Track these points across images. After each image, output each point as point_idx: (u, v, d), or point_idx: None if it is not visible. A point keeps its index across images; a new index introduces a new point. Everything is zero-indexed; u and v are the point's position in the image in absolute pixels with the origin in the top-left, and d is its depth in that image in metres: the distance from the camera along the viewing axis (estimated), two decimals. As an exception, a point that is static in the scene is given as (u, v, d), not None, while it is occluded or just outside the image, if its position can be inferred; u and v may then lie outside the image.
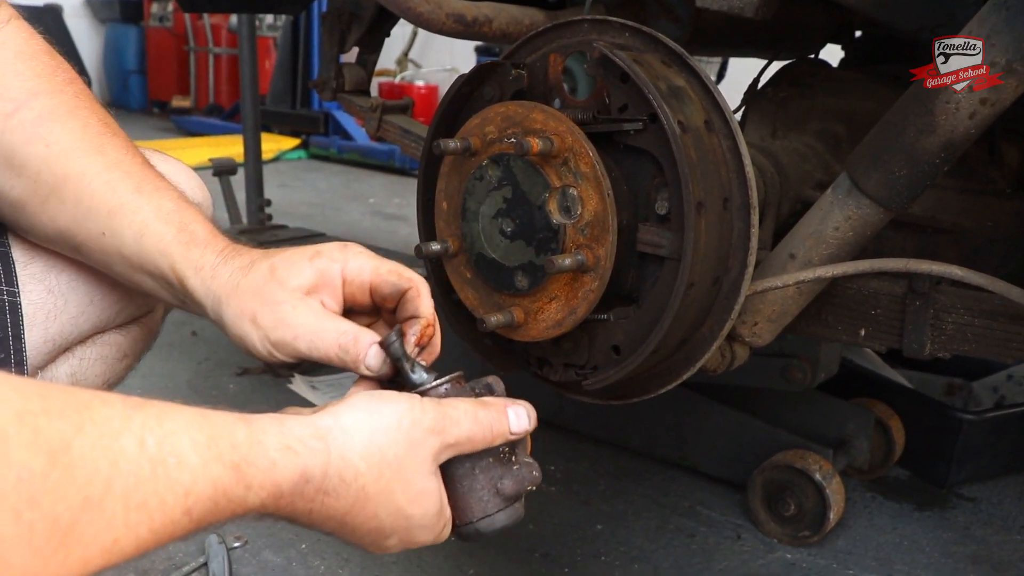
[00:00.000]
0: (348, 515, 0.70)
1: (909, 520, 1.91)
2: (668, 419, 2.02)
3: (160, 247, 0.83)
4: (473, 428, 0.75)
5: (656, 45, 1.01)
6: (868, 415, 1.93)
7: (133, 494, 0.55)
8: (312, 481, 0.66)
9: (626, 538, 1.79)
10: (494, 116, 0.98)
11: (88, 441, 0.53)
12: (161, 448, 0.57)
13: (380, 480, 0.70)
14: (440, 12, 1.46)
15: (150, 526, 0.56)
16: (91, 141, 0.85)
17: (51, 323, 0.91)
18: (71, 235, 0.85)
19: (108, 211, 0.84)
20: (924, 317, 1.20)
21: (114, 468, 0.54)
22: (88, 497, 0.52)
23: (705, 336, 1.03)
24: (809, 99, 1.63)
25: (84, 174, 0.84)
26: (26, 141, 0.83)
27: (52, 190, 0.84)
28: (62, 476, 0.51)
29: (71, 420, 0.53)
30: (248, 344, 0.81)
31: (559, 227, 0.94)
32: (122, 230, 0.83)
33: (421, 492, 0.73)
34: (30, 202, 0.84)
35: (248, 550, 1.69)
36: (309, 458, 0.66)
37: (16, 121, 0.83)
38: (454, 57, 6.72)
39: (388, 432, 0.71)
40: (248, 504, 0.62)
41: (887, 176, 1.09)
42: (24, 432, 0.50)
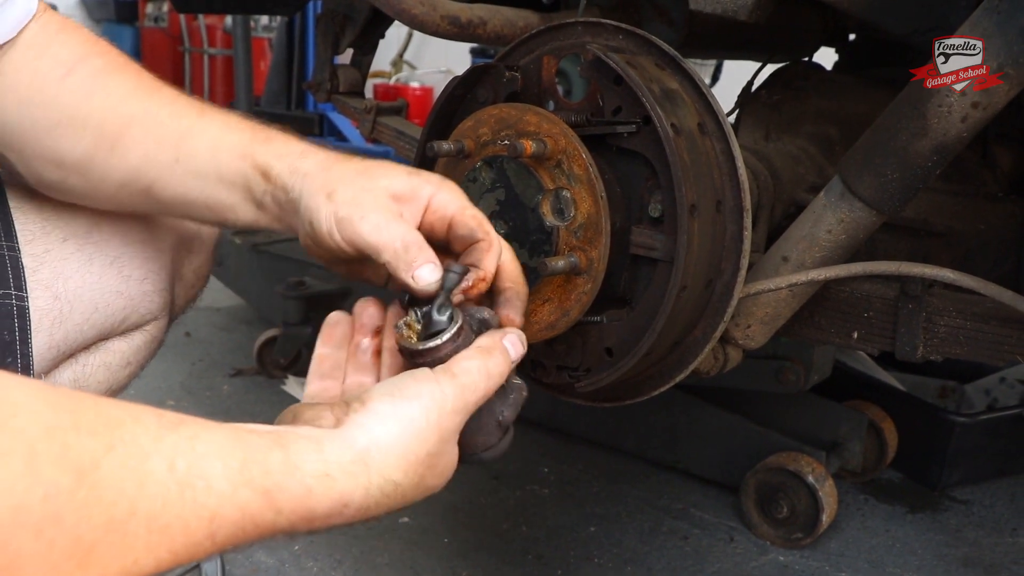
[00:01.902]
0: (380, 512, 0.69)
1: (901, 522, 1.92)
2: (661, 421, 2.03)
3: (238, 151, 0.85)
4: (488, 384, 0.75)
5: (650, 48, 1.01)
6: (861, 417, 1.94)
7: (158, 517, 0.54)
8: (351, 505, 0.65)
9: (619, 540, 1.79)
10: (488, 118, 0.98)
11: (117, 461, 0.53)
12: (191, 472, 0.56)
13: (416, 478, 0.69)
14: (435, 14, 1.46)
15: (171, 548, 0.55)
16: (147, 85, 0.88)
17: (56, 329, 0.91)
18: (142, 174, 0.86)
19: (178, 137, 0.86)
20: (917, 320, 1.20)
21: (141, 490, 0.53)
22: (112, 518, 0.52)
23: (698, 339, 1.03)
24: (802, 102, 1.63)
25: (148, 111, 0.87)
26: (86, 96, 0.86)
27: (119, 135, 0.86)
28: (88, 496, 0.50)
29: (101, 439, 0.53)
30: (315, 222, 0.80)
31: (552, 229, 0.94)
32: (194, 151, 0.85)
33: (447, 466, 0.73)
34: (98, 153, 0.86)
35: (241, 551, 1.68)
36: (347, 483, 0.65)
37: (72, 81, 0.86)
38: (449, 59, 6.71)
39: (420, 434, 0.69)
40: (277, 527, 0.61)
41: (880, 179, 1.09)
42: (53, 448, 0.50)
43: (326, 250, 0.82)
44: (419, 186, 0.82)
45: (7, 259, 0.89)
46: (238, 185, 0.85)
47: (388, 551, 1.71)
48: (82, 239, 0.95)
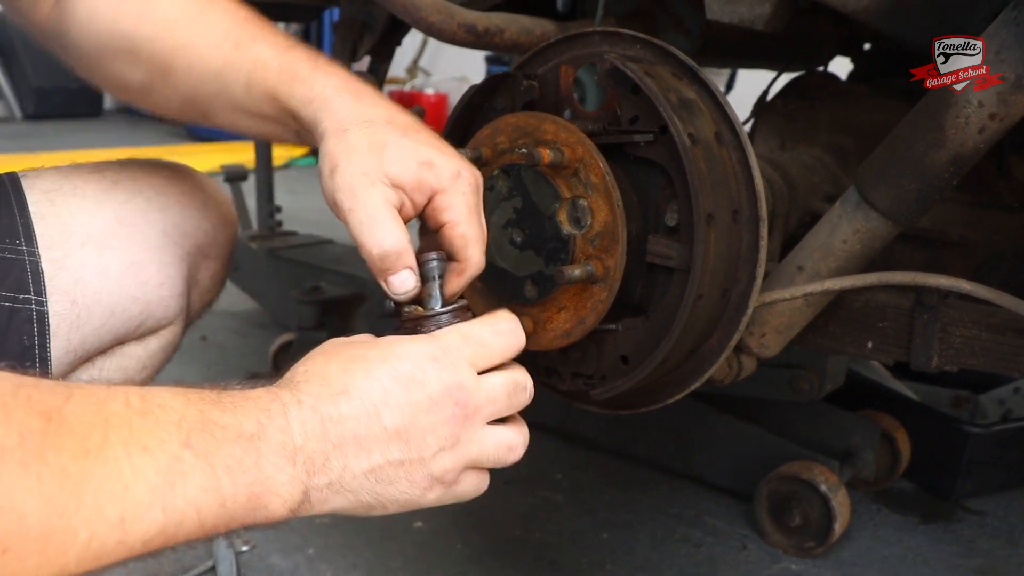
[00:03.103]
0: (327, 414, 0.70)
1: (914, 532, 1.91)
2: (675, 429, 2.02)
3: (268, 94, 0.86)
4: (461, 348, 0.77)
5: (667, 57, 1.01)
6: (874, 427, 1.93)
7: (131, 441, 0.58)
8: (286, 400, 0.68)
9: (632, 547, 1.79)
10: (505, 126, 0.99)
11: (78, 406, 0.57)
12: (144, 402, 0.61)
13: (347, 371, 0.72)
14: (452, 22, 1.47)
15: (155, 467, 0.58)
16: (191, 6, 0.91)
17: (74, 334, 0.91)
18: (195, 101, 0.91)
19: (216, 72, 0.88)
20: (932, 330, 1.19)
21: (107, 424, 0.58)
22: (88, 448, 0.56)
23: (713, 347, 1.03)
24: (818, 112, 1.63)
25: (191, 42, 0.89)
26: (136, 24, 0.90)
27: (168, 65, 0.90)
28: (59, 430, 0.55)
29: (59, 392, 0.58)
30: (321, 188, 0.82)
31: (569, 237, 0.94)
32: (231, 89, 0.88)
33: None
34: (154, 81, 0.91)
35: (256, 554, 1.69)
36: (279, 387, 0.70)
37: (124, 9, 0.90)
38: (464, 66, 6.72)
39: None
40: (244, 428, 0.64)
41: (896, 190, 1.09)
42: (19, 400, 0.55)
43: None
44: (427, 179, 0.81)
45: (27, 264, 0.90)
46: (277, 121, 0.89)
47: (402, 555, 1.71)
48: (101, 244, 0.95)
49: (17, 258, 0.90)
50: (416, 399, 0.70)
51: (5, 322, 0.87)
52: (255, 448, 0.63)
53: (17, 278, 0.89)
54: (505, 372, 0.76)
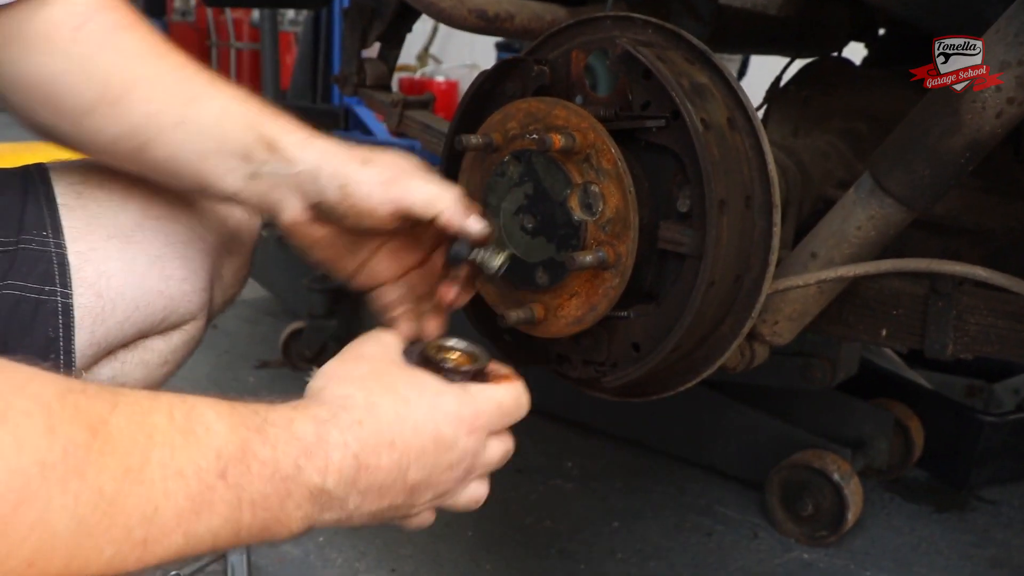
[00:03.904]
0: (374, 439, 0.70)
1: (928, 522, 1.90)
2: (686, 417, 2.02)
3: (245, 121, 0.88)
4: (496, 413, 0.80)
5: (679, 42, 1.01)
6: (887, 416, 1.92)
7: (169, 463, 0.57)
8: (331, 424, 0.68)
9: (643, 535, 1.79)
10: (516, 112, 0.98)
11: (123, 417, 0.57)
12: (188, 419, 0.60)
13: (380, 395, 0.73)
14: (462, 8, 1.46)
15: (187, 492, 0.58)
16: (158, 47, 0.90)
17: (98, 327, 0.91)
18: (140, 131, 0.88)
19: (185, 100, 0.88)
20: (947, 318, 1.19)
21: (150, 440, 0.57)
22: (128, 468, 0.55)
23: (725, 334, 1.03)
24: (831, 98, 1.62)
25: (158, 73, 0.88)
26: (97, 49, 0.87)
27: (125, 91, 0.87)
28: (103, 447, 0.54)
29: (106, 399, 0.57)
30: (349, 184, 0.86)
31: (580, 224, 0.93)
32: (200, 115, 0.88)
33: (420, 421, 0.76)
34: (99, 106, 0.87)
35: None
36: (321, 407, 0.70)
37: (85, 32, 0.87)
38: (474, 53, 6.71)
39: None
40: (280, 465, 0.63)
41: (911, 176, 1.08)
42: (67, 409, 0.53)
43: (339, 218, 0.88)
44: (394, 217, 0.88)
45: (54, 256, 0.90)
46: (237, 153, 0.88)
47: (412, 543, 1.71)
48: (126, 238, 0.95)
49: (44, 250, 0.90)
50: (441, 462, 0.74)
51: (31, 314, 0.87)
52: (285, 489, 0.63)
53: (44, 270, 0.89)
54: (506, 443, 0.81)
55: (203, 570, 1.59)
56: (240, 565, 1.59)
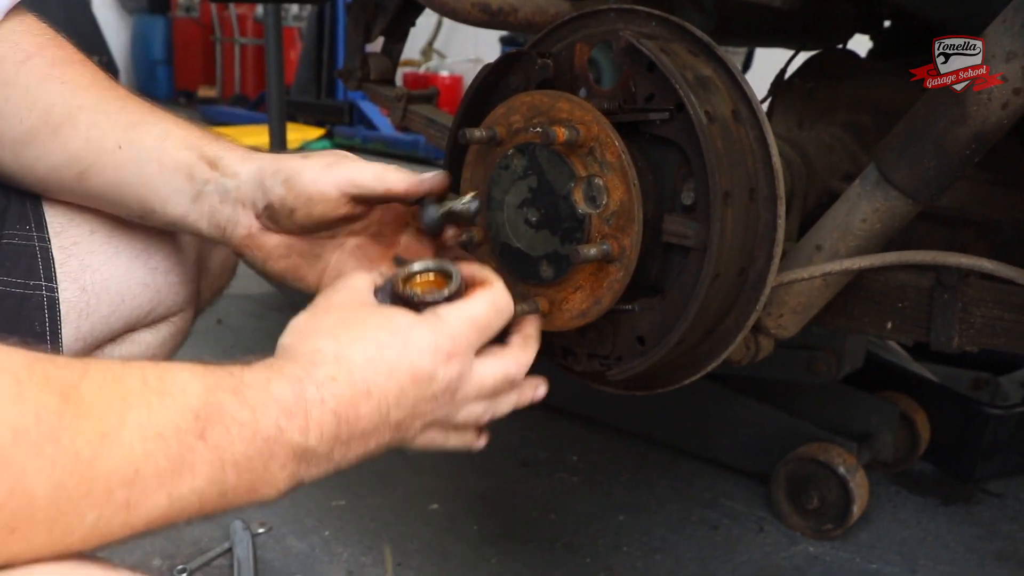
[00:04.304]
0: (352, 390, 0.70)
1: (934, 515, 1.90)
2: (692, 410, 2.02)
3: (187, 143, 0.88)
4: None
5: (683, 34, 1.00)
6: (893, 409, 1.92)
7: (147, 424, 0.57)
8: (309, 380, 0.68)
9: (648, 529, 1.79)
10: (520, 105, 0.98)
11: (95, 383, 0.57)
12: (163, 382, 0.60)
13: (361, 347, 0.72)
14: (466, 1, 1.46)
15: (167, 454, 0.58)
16: (101, 80, 0.91)
17: (83, 321, 0.92)
18: (80, 159, 0.87)
19: (125, 126, 0.88)
20: (952, 310, 1.18)
21: (124, 403, 0.57)
22: (105, 432, 0.55)
23: (730, 327, 1.03)
24: (836, 90, 1.61)
25: (100, 101, 0.89)
26: (40, 80, 0.88)
27: (65, 118, 0.87)
28: (76, 411, 0.54)
29: (75, 368, 0.57)
30: (294, 178, 0.87)
31: (584, 217, 0.93)
32: (141, 138, 0.87)
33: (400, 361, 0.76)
34: (39, 135, 0.87)
35: (272, 536, 1.70)
36: (294, 365, 0.69)
37: (29, 66, 0.88)
38: (478, 47, 6.70)
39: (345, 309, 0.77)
40: (261, 429, 0.63)
41: (916, 168, 1.08)
42: (35, 377, 0.54)
43: (289, 215, 0.87)
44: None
45: (38, 250, 0.90)
46: (180, 174, 0.87)
47: (417, 537, 1.72)
48: (109, 231, 0.95)
49: (28, 244, 0.90)
50: (423, 394, 0.73)
51: (16, 308, 0.87)
52: (268, 451, 0.63)
53: (28, 264, 0.89)
54: (498, 359, 0.80)
55: (209, 564, 1.60)
56: (246, 560, 1.60)
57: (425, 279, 0.82)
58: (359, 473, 1.89)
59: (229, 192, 0.88)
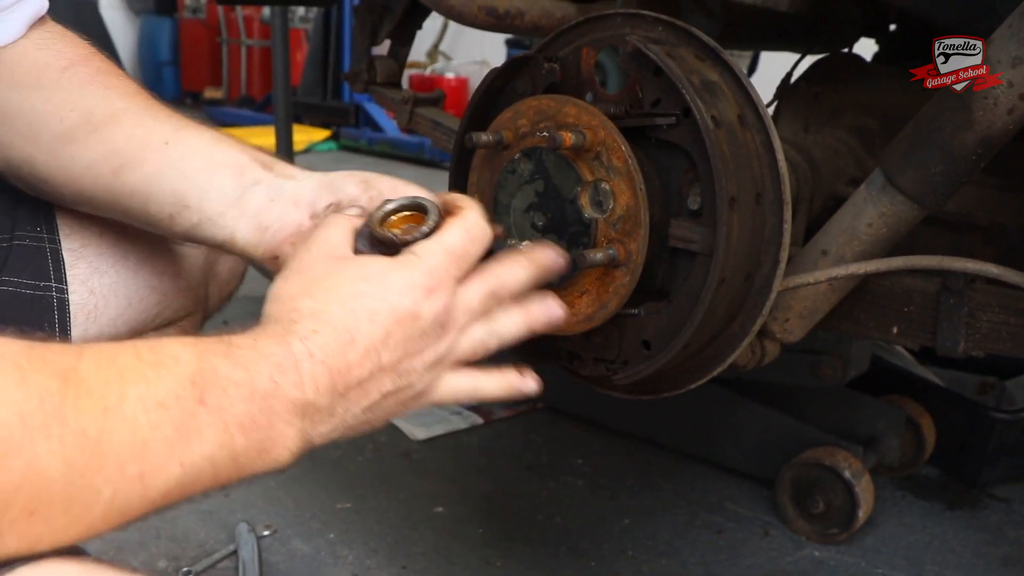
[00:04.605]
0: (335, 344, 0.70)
1: (940, 519, 1.90)
2: (697, 414, 2.02)
3: (239, 147, 0.87)
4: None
5: (690, 39, 1.00)
6: (899, 413, 1.92)
7: (147, 396, 0.59)
8: (291, 333, 0.68)
9: (653, 533, 1.79)
10: (527, 110, 0.98)
11: (91, 362, 0.58)
12: (156, 355, 0.61)
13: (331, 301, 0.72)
14: (472, 5, 1.46)
15: (172, 423, 0.59)
16: (145, 92, 0.90)
17: (91, 324, 0.92)
18: (120, 154, 0.85)
19: (175, 126, 0.87)
20: (959, 315, 1.18)
21: (122, 378, 0.58)
22: (107, 407, 0.57)
23: (736, 332, 1.03)
24: (842, 94, 1.61)
25: (147, 107, 0.88)
26: (83, 84, 0.88)
27: (109, 119, 0.86)
28: (77, 391, 0.56)
29: (70, 351, 0.59)
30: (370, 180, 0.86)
31: (591, 221, 0.93)
32: (191, 137, 0.86)
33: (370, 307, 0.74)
34: (79, 133, 0.86)
35: (277, 538, 1.70)
36: (275, 324, 0.70)
37: (72, 72, 0.88)
38: (484, 50, 6.71)
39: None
40: (258, 386, 0.64)
41: (922, 172, 1.08)
42: (34, 361, 0.55)
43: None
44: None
45: (48, 252, 0.91)
46: (228, 170, 0.85)
47: (423, 540, 1.72)
48: (119, 234, 0.96)
49: (39, 245, 0.91)
50: (410, 333, 0.72)
51: (27, 309, 0.88)
52: (269, 406, 0.64)
53: (39, 265, 0.89)
54: (480, 281, 0.77)
55: (214, 566, 1.60)
56: (251, 562, 1.60)
57: (402, 217, 0.79)
58: (364, 476, 1.90)
59: (284, 191, 0.85)
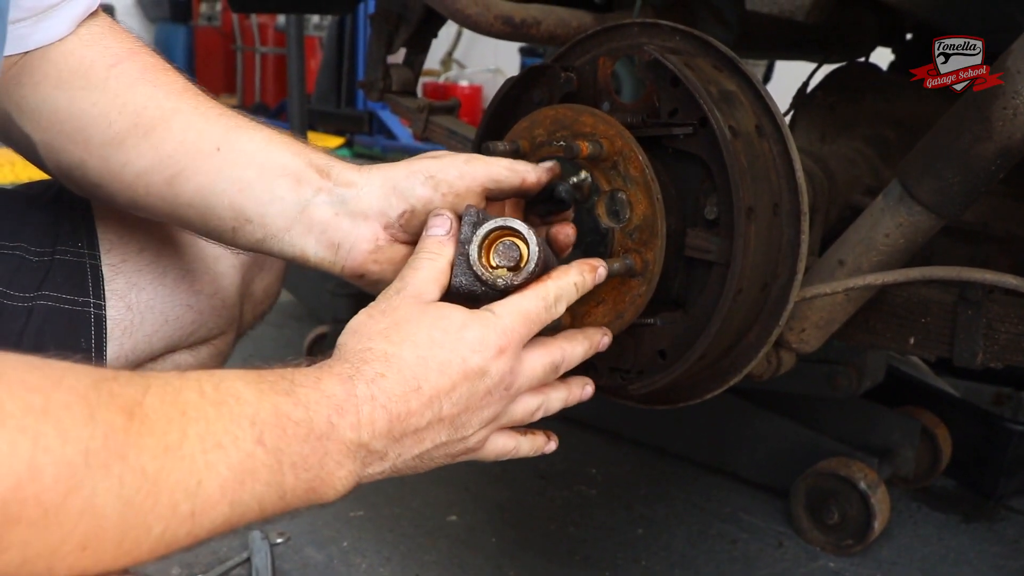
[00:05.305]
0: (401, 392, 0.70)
1: (956, 532, 1.88)
2: (712, 424, 2.01)
3: (292, 149, 0.85)
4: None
5: (707, 49, 1.01)
6: (914, 423, 1.91)
7: (207, 436, 0.59)
8: (356, 379, 0.69)
9: (667, 543, 1.78)
10: (543, 119, 0.98)
11: (156, 398, 0.58)
12: (218, 392, 0.62)
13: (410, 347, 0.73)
14: (488, 14, 1.47)
15: (228, 463, 0.60)
16: (195, 88, 0.88)
17: (127, 339, 0.92)
18: (173, 162, 0.83)
19: (225, 129, 0.84)
20: (976, 326, 1.18)
21: (184, 416, 0.59)
22: (168, 445, 0.57)
23: (752, 342, 1.03)
24: (858, 104, 1.61)
25: (196, 106, 0.85)
26: (131, 84, 0.85)
27: (158, 121, 0.84)
28: (140, 429, 0.56)
29: (137, 383, 0.59)
30: (442, 171, 0.84)
31: (608, 231, 0.93)
32: (242, 141, 0.84)
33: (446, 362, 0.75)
34: (130, 137, 0.83)
35: (291, 546, 1.70)
36: (343, 365, 0.71)
37: (119, 70, 0.85)
38: (498, 58, 6.72)
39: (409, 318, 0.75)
40: (314, 426, 0.65)
41: (940, 183, 1.08)
42: (102, 396, 0.55)
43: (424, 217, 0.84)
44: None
45: (88, 267, 0.91)
46: (285, 180, 0.83)
47: (436, 549, 1.72)
48: (157, 251, 0.96)
49: (79, 260, 0.91)
50: (476, 390, 0.73)
51: (65, 324, 0.88)
52: (323, 447, 0.65)
53: (78, 281, 0.90)
54: (546, 352, 0.79)
55: (228, 573, 1.61)
56: (264, 570, 1.60)
57: (499, 233, 0.80)
58: (377, 484, 1.89)
59: (347, 203, 0.83)
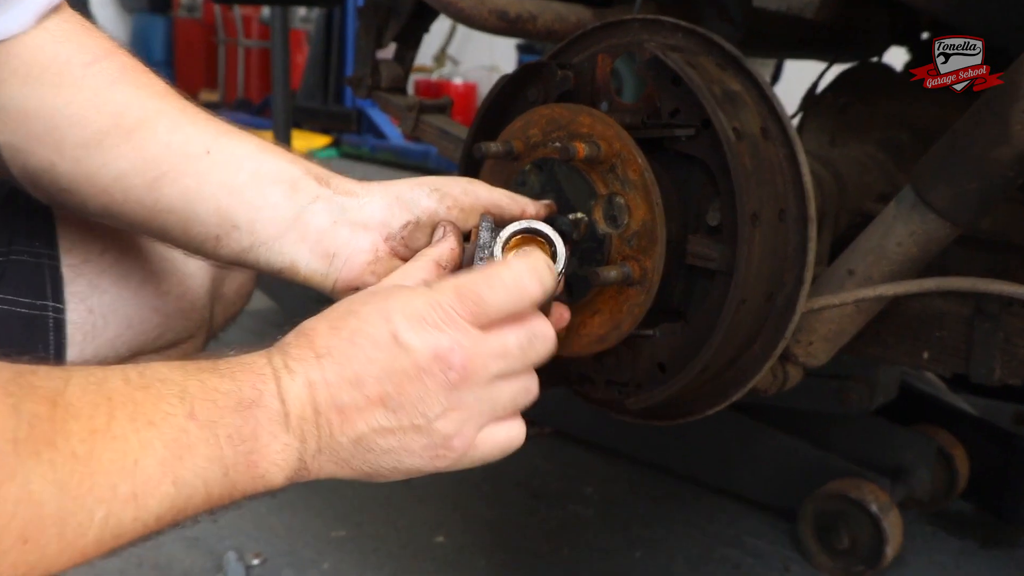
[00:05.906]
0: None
1: (973, 558, 1.88)
2: (714, 441, 2.01)
3: (289, 157, 0.85)
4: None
5: (710, 47, 1.01)
6: (929, 443, 1.91)
7: (137, 416, 0.61)
8: (279, 354, 0.70)
9: (667, 567, 1.78)
10: (538, 119, 0.99)
11: (78, 387, 0.60)
12: (144, 377, 0.64)
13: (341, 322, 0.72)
14: (483, 8, 1.47)
15: (162, 439, 0.61)
16: (178, 93, 0.87)
17: (88, 344, 0.92)
18: (155, 164, 0.82)
19: (216, 132, 0.85)
20: (994, 340, 1.18)
21: (110, 401, 0.61)
22: (95, 428, 0.59)
23: (757, 355, 1.03)
24: (871, 105, 1.62)
25: (183, 109, 0.85)
26: (111, 83, 0.84)
27: (143, 122, 0.83)
28: (65, 414, 0.58)
29: (57, 376, 0.61)
30: (445, 187, 0.87)
31: (605, 237, 0.94)
32: (235, 145, 0.84)
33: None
34: (110, 135, 0.82)
35: (267, 568, 1.70)
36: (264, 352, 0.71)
37: (98, 68, 0.84)
38: (494, 54, 6.74)
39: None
40: (244, 395, 0.66)
41: (955, 189, 1.08)
42: (23, 388, 0.58)
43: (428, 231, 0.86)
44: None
45: (47, 268, 0.91)
46: (279, 186, 0.83)
47: (422, 571, 1.72)
48: (122, 251, 0.96)
49: (36, 261, 0.91)
50: (401, 366, 0.68)
51: (22, 329, 0.88)
52: (252, 416, 0.66)
53: (36, 283, 0.90)
54: (519, 326, 0.73)
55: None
56: (241, 591, 1.60)
57: (519, 240, 0.83)
58: (361, 501, 1.90)
59: (347, 211, 0.83)
